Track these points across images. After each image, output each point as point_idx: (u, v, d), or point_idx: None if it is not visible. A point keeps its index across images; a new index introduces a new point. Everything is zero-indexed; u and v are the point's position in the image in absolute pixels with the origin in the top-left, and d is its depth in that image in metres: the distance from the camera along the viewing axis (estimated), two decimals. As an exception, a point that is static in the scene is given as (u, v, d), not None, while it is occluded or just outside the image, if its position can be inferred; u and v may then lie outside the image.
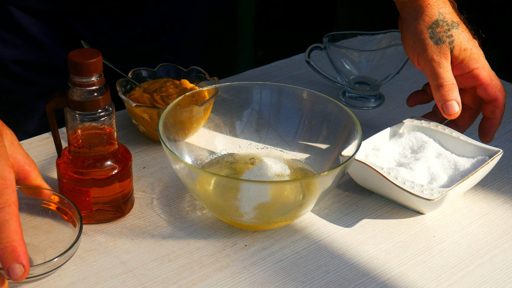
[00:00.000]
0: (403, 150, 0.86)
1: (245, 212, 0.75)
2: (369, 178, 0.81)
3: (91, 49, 0.73)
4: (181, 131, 0.85)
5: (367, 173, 0.80)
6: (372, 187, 0.83)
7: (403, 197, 0.80)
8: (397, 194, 0.80)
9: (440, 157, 0.85)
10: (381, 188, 0.81)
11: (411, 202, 0.80)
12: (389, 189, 0.80)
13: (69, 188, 0.76)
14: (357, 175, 0.83)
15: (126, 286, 0.71)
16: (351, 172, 0.83)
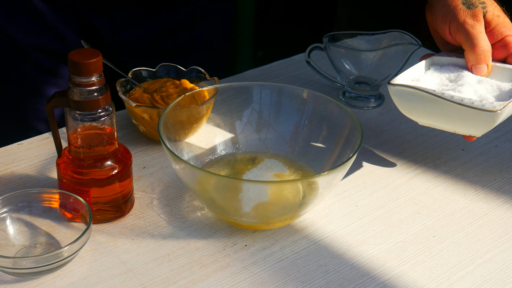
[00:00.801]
0: (441, 81, 0.84)
1: (245, 212, 0.75)
2: (420, 104, 0.78)
3: (91, 49, 0.73)
4: (181, 131, 0.85)
5: (417, 99, 0.77)
6: (423, 113, 0.80)
7: (462, 115, 0.76)
8: (454, 113, 0.76)
9: (481, 82, 0.82)
10: (433, 112, 0.78)
11: (470, 120, 0.76)
12: (445, 110, 0.76)
13: (69, 188, 0.76)
14: (406, 104, 0.80)
15: (126, 286, 0.71)
16: (398, 103, 0.80)
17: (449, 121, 0.79)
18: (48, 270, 0.70)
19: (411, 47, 0.99)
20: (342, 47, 1.01)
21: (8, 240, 0.74)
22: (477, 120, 0.76)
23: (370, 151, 0.94)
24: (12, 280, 0.71)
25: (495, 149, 0.95)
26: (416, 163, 0.92)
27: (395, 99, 0.81)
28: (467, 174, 0.90)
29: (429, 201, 0.85)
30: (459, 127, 0.79)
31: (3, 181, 0.85)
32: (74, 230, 0.75)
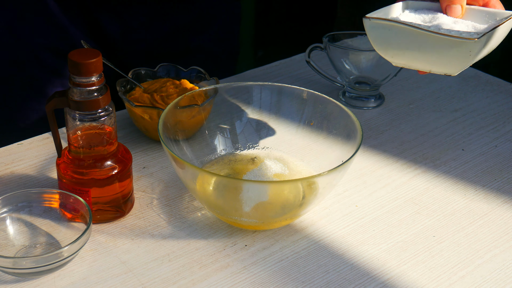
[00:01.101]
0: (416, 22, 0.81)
1: (245, 212, 0.75)
2: (397, 39, 0.76)
3: (91, 49, 0.73)
4: (181, 131, 0.85)
5: (394, 33, 0.75)
6: (399, 51, 0.78)
7: (438, 48, 0.74)
8: (431, 47, 0.74)
9: (456, 23, 0.81)
10: (409, 48, 0.76)
11: (446, 53, 0.74)
12: (422, 43, 0.74)
13: (69, 188, 0.76)
14: (382, 41, 0.78)
15: (126, 286, 0.71)
16: (374, 39, 0.78)
17: (425, 57, 0.76)
18: (48, 270, 0.70)
19: (411, 47, 0.99)
20: (342, 47, 1.01)
21: (8, 240, 0.74)
22: (454, 53, 0.74)
23: (370, 151, 0.94)
24: (12, 280, 0.71)
25: (495, 149, 0.95)
26: (416, 163, 0.92)
27: (371, 34, 0.78)
28: (467, 174, 0.90)
29: (429, 201, 0.85)
30: (435, 64, 0.77)
31: (3, 181, 0.85)
32: (74, 230, 0.75)
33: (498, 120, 1.02)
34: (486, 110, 1.04)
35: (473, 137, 0.97)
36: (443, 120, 1.01)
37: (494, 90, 1.10)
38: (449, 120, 1.02)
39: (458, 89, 1.10)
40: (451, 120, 1.01)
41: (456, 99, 1.07)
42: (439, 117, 1.02)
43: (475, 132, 0.98)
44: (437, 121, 1.01)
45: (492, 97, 1.08)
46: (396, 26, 0.74)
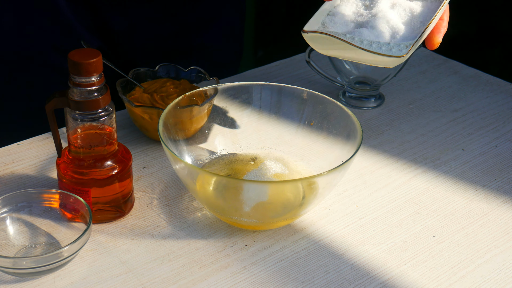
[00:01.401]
0: (356, 9, 0.83)
1: (245, 212, 0.75)
2: (334, 47, 0.79)
3: (91, 49, 0.73)
4: (181, 131, 0.85)
5: (331, 43, 0.78)
6: (339, 54, 0.81)
7: (372, 57, 0.78)
8: (365, 55, 0.78)
9: (394, 7, 0.82)
10: (347, 53, 0.79)
11: (380, 60, 0.78)
12: (357, 52, 0.78)
13: (69, 188, 0.76)
14: (323, 47, 0.81)
15: (126, 286, 0.71)
16: (315, 47, 0.81)
17: (364, 60, 0.79)
18: (48, 270, 0.70)
19: (411, 47, 0.99)
20: (342, 47, 1.01)
21: (8, 240, 0.74)
22: (387, 61, 0.77)
23: (370, 151, 0.94)
24: (12, 280, 0.71)
25: (495, 149, 0.95)
26: (416, 163, 0.92)
27: (312, 44, 0.81)
28: (467, 174, 0.90)
29: (429, 201, 0.85)
30: (374, 64, 0.80)
31: (3, 181, 0.85)
32: (74, 230, 0.75)
33: (498, 120, 1.02)
34: (486, 110, 1.04)
35: (473, 137, 0.97)
36: (443, 120, 1.02)
37: (494, 90, 1.10)
38: (449, 120, 1.02)
39: (458, 89, 1.10)
40: (451, 120, 1.01)
41: (456, 99, 1.07)
42: (439, 117, 1.02)
43: (475, 132, 0.98)
44: (437, 121, 1.01)
45: (492, 97, 1.08)
46: (331, 39, 0.77)
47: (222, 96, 0.88)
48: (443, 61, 1.18)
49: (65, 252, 0.69)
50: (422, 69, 1.15)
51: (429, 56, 1.20)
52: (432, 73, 1.14)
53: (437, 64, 1.17)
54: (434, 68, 1.16)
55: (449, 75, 1.14)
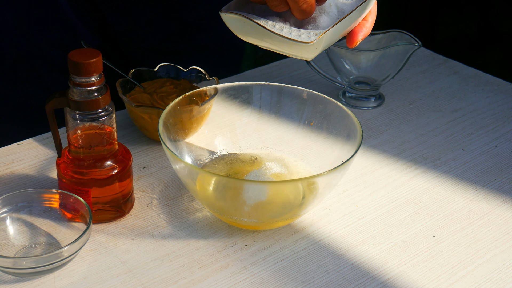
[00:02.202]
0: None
1: (245, 212, 0.75)
2: (251, 32, 0.78)
3: (91, 49, 0.73)
4: (181, 131, 0.85)
5: (248, 27, 0.77)
6: (256, 39, 0.79)
7: (286, 43, 0.77)
8: (280, 41, 0.77)
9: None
10: (264, 38, 0.78)
11: (294, 47, 0.77)
12: (272, 37, 0.77)
13: (69, 188, 0.76)
14: (240, 31, 0.80)
15: (126, 286, 0.71)
16: (233, 30, 0.80)
17: (280, 46, 0.78)
18: (48, 270, 0.70)
19: (411, 47, 0.99)
20: (342, 47, 1.01)
21: (8, 240, 0.74)
22: (298, 49, 0.76)
23: (370, 151, 0.94)
24: (12, 280, 0.71)
25: (495, 149, 0.95)
26: (416, 163, 0.92)
27: (229, 25, 0.80)
28: (467, 174, 0.90)
29: (429, 201, 0.85)
30: (289, 52, 0.79)
31: (3, 181, 0.85)
32: (74, 230, 0.75)
33: (498, 120, 1.02)
34: (486, 110, 1.04)
35: (473, 137, 0.97)
36: (443, 120, 1.02)
37: (494, 90, 1.10)
38: (449, 120, 1.02)
39: (458, 89, 1.10)
40: (451, 120, 1.01)
41: (456, 99, 1.07)
42: (439, 117, 1.02)
43: (475, 132, 0.98)
44: (437, 121, 1.01)
45: (492, 97, 1.08)
46: (247, 21, 0.76)
47: (222, 96, 0.88)
48: (443, 61, 1.18)
49: (65, 252, 0.69)
50: (422, 69, 1.15)
51: (429, 56, 1.20)
52: (432, 73, 1.14)
53: (437, 64, 1.17)
54: (434, 68, 1.16)
55: (449, 75, 1.14)
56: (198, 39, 1.12)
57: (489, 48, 2.16)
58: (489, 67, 2.09)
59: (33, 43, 1.04)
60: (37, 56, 1.05)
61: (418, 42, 1.00)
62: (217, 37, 1.14)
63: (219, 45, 1.16)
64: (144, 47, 1.09)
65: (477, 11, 2.12)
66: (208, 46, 1.14)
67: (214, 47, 1.15)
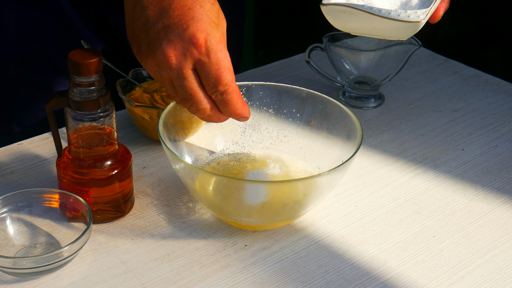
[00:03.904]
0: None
1: (245, 212, 0.75)
2: (352, 19, 0.82)
3: (91, 49, 0.73)
4: (181, 131, 0.85)
5: (348, 15, 0.81)
6: (355, 27, 0.84)
7: (390, 27, 0.81)
8: (383, 25, 0.81)
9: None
10: (364, 25, 0.82)
11: (397, 30, 0.81)
12: (374, 23, 0.81)
13: (69, 188, 0.76)
14: (340, 21, 0.83)
15: (126, 286, 0.71)
16: (332, 21, 0.84)
17: (379, 32, 0.83)
18: (48, 270, 0.70)
19: (411, 47, 0.99)
20: (342, 47, 1.01)
21: (8, 240, 0.74)
22: (404, 29, 0.80)
23: (370, 151, 0.94)
24: (12, 280, 0.71)
25: (495, 149, 0.95)
26: (416, 163, 0.92)
27: (329, 18, 0.83)
28: (467, 174, 0.90)
29: (429, 201, 0.85)
30: (388, 35, 0.83)
31: (3, 181, 0.85)
32: (74, 230, 0.75)
33: (498, 120, 1.02)
34: (486, 110, 1.04)
35: (473, 137, 0.97)
36: (443, 120, 1.02)
37: (494, 90, 1.10)
38: (449, 120, 1.02)
39: (458, 89, 1.10)
40: (451, 120, 1.01)
41: (456, 99, 1.07)
42: (439, 117, 1.02)
43: (475, 132, 0.98)
44: (437, 121, 1.01)
45: (492, 97, 1.08)
46: (350, 10, 0.80)
47: (222, 96, 0.88)
48: (443, 61, 1.18)
49: (65, 252, 0.69)
50: (422, 69, 1.15)
51: (429, 56, 1.20)
52: (432, 73, 1.14)
53: (437, 64, 1.17)
54: (434, 68, 1.16)
55: (449, 75, 1.14)
56: None
57: (489, 48, 2.15)
58: (489, 67, 2.08)
59: (37, 46, 1.04)
60: (40, 60, 1.05)
61: (418, 42, 1.00)
62: None
63: None
64: None
65: (477, 11, 2.12)
66: None
67: None
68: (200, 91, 0.72)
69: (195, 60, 0.70)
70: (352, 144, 0.79)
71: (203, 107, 0.72)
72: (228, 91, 0.72)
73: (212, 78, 0.71)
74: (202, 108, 0.73)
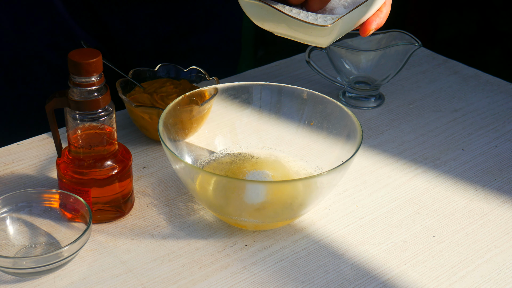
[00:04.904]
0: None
1: (245, 212, 0.75)
2: (268, 18, 0.79)
3: (91, 49, 0.73)
4: (181, 131, 0.85)
5: (264, 13, 0.78)
6: (273, 25, 0.80)
7: (302, 28, 0.78)
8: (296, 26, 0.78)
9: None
10: (280, 24, 0.79)
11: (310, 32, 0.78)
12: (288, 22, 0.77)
13: (69, 188, 0.76)
14: (257, 17, 0.80)
15: (126, 286, 0.71)
16: (250, 15, 0.81)
17: (296, 34, 0.79)
18: (48, 270, 0.70)
19: (411, 47, 0.99)
20: (342, 47, 1.01)
21: (8, 240, 0.75)
22: (314, 33, 0.77)
23: (370, 151, 0.94)
24: (12, 280, 0.71)
25: (495, 149, 0.95)
26: (416, 163, 0.92)
27: (246, 11, 0.81)
28: (467, 174, 0.90)
29: (429, 201, 0.85)
30: (305, 39, 0.80)
31: (3, 181, 0.85)
32: (74, 230, 0.75)
33: (498, 120, 1.02)
34: (486, 110, 1.04)
35: (473, 137, 0.97)
36: (443, 120, 1.02)
37: (494, 90, 1.10)
38: (449, 120, 1.02)
39: (458, 89, 1.10)
40: (451, 120, 1.01)
41: (456, 99, 1.07)
42: (439, 117, 1.02)
43: (475, 132, 0.98)
44: (437, 121, 1.01)
45: (492, 97, 1.08)
46: (265, 7, 0.77)
47: (222, 96, 0.88)
48: (443, 61, 1.18)
49: (65, 252, 0.69)
50: (422, 69, 1.15)
51: (429, 56, 1.20)
52: (432, 73, 1.14)
53: (437, 64, 1.17)
54: (434, 68, 1.16)
55: (449, 75, 1.14)
56: (194, 40, 1.12)
57: (489, 48, 2.16)
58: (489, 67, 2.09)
59: (30, 44, 1.04)
60: (33, 58, 1.05)
61: (418, 42, 1.00)
62: (213, 38, 1.14)
63: (216, 46, 1.16)
64: (141, 49, 1.09)
65: (477, 11, 2.12)
66: (204, 48, 1.14)
67: (211, 48, 1.15)
68: None
69: None
70: (352, 144, 0.79)
71: None
72: None
73: None
74: None
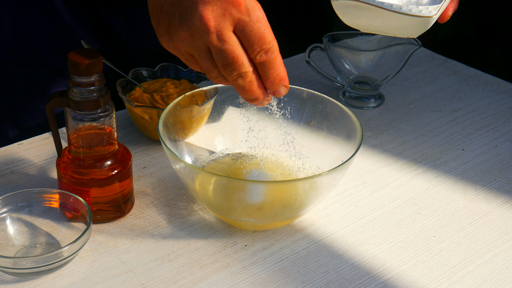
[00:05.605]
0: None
1: (245, 212, 0.75)
2: (362, 14, 0.81)
3: (91, 49, 0.73)
4: (181, 131, 0.85)
5: (359, 10, 0.80)
6: (365, 23, 0.83)
7: (401, 22, 0.79)
8: (394, 20, 0.80)
9: None
10: (374, 21, 0.81)
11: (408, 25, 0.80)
12: (385, 18, 0.80)
13: (69, 188, 0.76)
14: (350, 16, 0.82)
15: (126, 286, 0.71)
16: (342, 16, 0.82)
17: (389, 28, 0.82)
18: (48, 270, 0.70)
19: (411, 47, 0.99)
20: (342, 47, 1.01)
21: (8, 240, 0.75)
22: (414, 25, 0.80)
23: (370, 151, 0.94)
24: (12, 280, 0.71)
25: (495, 149, 0.95)
26: (416, 163, 0.92)
27: (339, 12, 0.83)
28: (467, 174, 0.90)
29: (429, 201, 0.85)
30: (398, 32, 0.82)
31: (3, 181, 0.85)
32: (74, 230, 0.75)
33: (498, 120, 1.02)
34: (486, 110, 1.04)
35: (473, 137, 0.97)
36: (443, 120, 1.02)
37: (494, 90, 1.10)
38: (449, 120, 1.02)
39: (458, 89, 1.10)
40: (451, 120, 1.01)
41: (456, 99, 1.07)
42: (439, 117, 1.02)
43: (475, 132, 0.98)
44: (437, 121, 1.01)
45: (492, 97, 1.08)
46: (361, 5, 0.80)
47: (222, 96, 0.88)
48: (443, 61, 1.18)
49: (65, 252, 0.69)
50: (422, 69, 1.15)
51: (429, 56, 1.20)
52: (432, 73, 1.14)
53: (437, 64, 1.17)
54: (434, 68, 1.16)
55: (449, 75, 1.14)
56: None
57: (489, 48, 2.16)
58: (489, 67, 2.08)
59: (30, 46, 1.04)
60: (34, 60, 1.05)
61: (418, 42, 1.00)
62: None
63: None
64: (142, 49, 1.09)
65: (477, 11, 2.12)
66: None
67: None
68: (243, 53, 0.68)
69: (234, 20, 0.67)
70: (352, 144, 0.79)
71: (245, 70, 0.68)
72: (272, 49, 0.69)
73: (256, 37, 0.67)
74: (244, 71, 0.68)
